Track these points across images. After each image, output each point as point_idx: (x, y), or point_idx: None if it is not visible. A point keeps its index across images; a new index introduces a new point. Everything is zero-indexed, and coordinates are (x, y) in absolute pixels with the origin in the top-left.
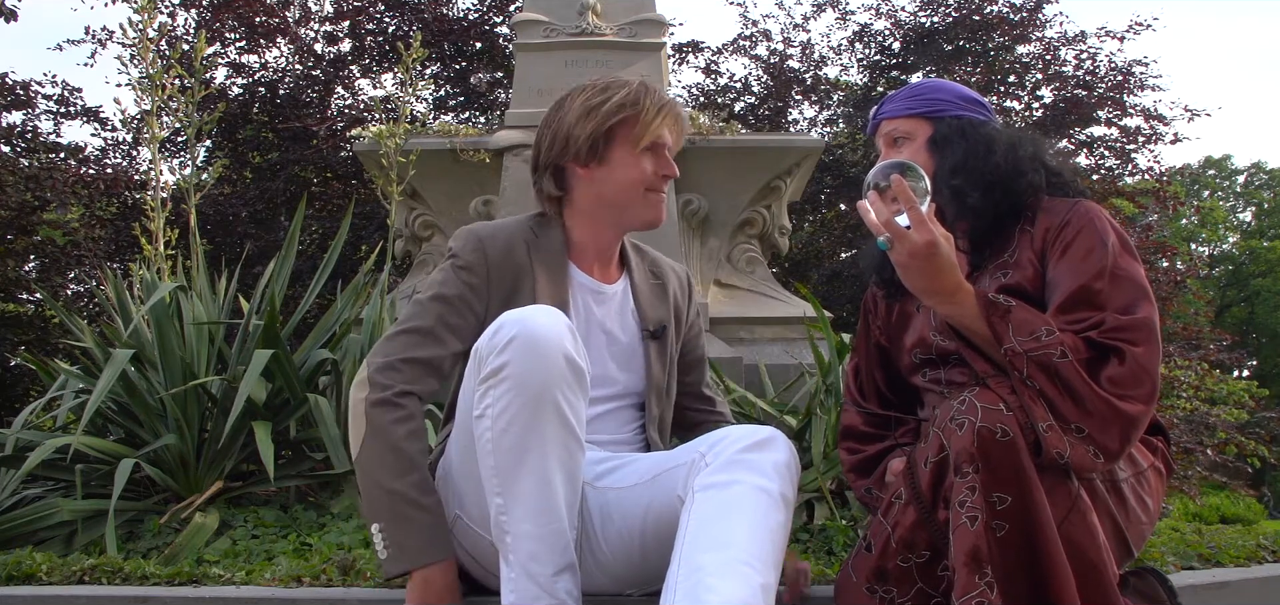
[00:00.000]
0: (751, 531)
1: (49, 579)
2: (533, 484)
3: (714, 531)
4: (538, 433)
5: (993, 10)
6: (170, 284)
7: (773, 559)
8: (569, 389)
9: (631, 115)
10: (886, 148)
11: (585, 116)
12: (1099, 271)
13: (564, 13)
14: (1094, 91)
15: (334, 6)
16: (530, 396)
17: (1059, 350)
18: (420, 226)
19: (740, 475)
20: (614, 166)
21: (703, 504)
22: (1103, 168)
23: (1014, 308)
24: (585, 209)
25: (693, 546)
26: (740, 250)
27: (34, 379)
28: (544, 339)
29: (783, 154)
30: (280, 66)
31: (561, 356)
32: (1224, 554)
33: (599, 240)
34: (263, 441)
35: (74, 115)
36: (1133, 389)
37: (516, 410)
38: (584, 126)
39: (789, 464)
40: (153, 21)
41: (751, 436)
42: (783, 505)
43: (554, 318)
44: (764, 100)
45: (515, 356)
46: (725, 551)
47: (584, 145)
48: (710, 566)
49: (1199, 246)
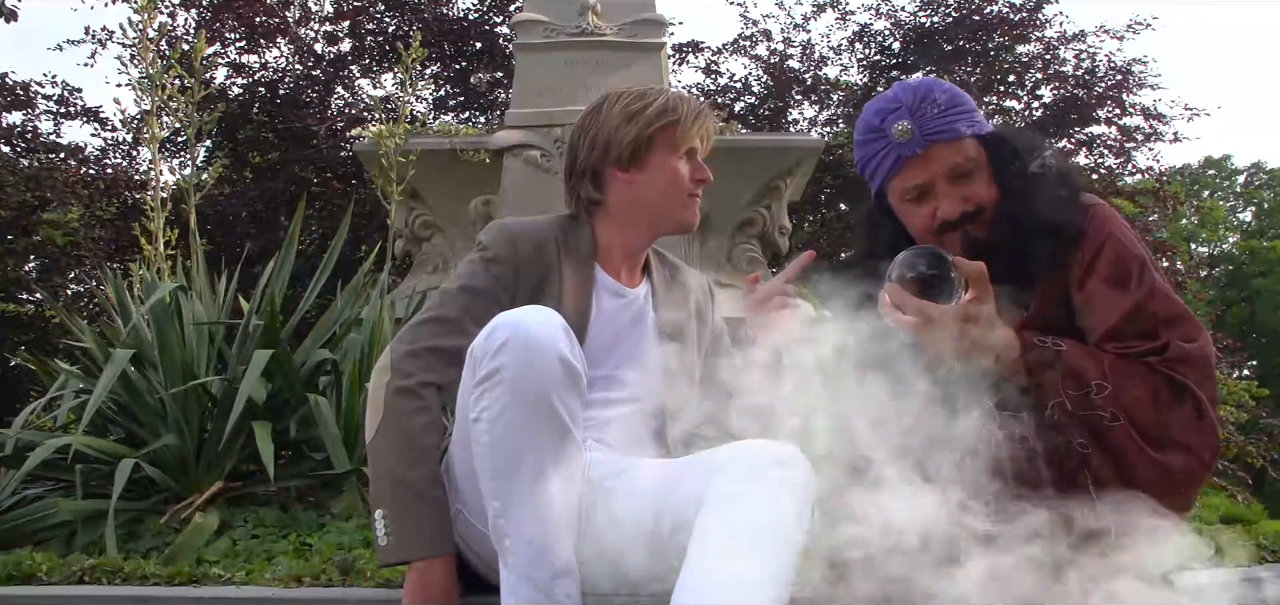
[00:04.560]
0: (764, 545)
1: (49, 579)
2: (530, 488)
3: (727, 546)
4: (533, 436)
5: (993, 10)
6: (170, 284)
7: (784, 577)
8: (565, 391)
9: (672, 121)
10: (948, 184)
11: (627, 122)
12: (1148, 291)
13: (564, 13)
14: (1094, 91)
15: (334, 6)
16: (525, 400)
17: (1110, 414)
18: (420, 226)
19: (757, 489)
20: (653, 171)
21: (717, 516)
22: (1102, 167)
23: (1063, 353)
24: (619, 212)
25: (702, 558)
26: (740, 250)
27: (34, 379)
28: (537, 341)
29: (783, 154)
30: (280, 66)
31: (556, 359)
32: (1224, 554)
33: (629, 244)
34: (263, 441)
35: (74, 115)
36: (1198, 441)
37: (512, 414)
38: (626, 131)
39: (804, 483)
40: (153, 21)
41: (770, 451)
42: (797, 524)
43: (548, 319)
44: (764, 100)
45: (509, 361)
46: (736, 562)
47: (626, 150)
48: (717, 580)
49: (1199, 247)
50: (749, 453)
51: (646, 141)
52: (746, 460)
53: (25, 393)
